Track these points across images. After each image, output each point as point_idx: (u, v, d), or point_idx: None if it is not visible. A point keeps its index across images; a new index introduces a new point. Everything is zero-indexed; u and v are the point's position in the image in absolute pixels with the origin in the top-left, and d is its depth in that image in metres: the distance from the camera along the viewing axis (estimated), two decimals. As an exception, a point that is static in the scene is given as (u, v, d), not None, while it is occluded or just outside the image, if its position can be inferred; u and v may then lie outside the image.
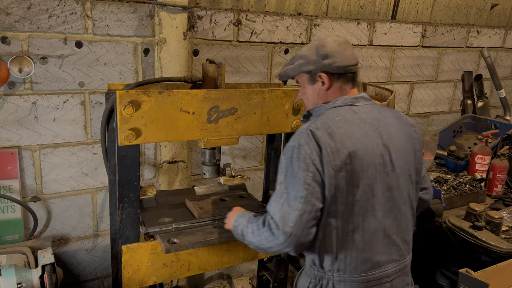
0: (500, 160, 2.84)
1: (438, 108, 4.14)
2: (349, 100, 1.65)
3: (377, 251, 1.61)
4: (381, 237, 1.61)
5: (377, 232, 1.60)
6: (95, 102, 2.50)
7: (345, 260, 1.59)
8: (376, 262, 1.62)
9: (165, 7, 2.44)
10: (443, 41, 3.90)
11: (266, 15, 2.90)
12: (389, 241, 1.63)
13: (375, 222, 1.59)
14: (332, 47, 1.64)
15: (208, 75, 2.03)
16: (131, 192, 1.84)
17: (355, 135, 1.56)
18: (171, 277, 2.01)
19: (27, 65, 2.25)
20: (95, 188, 2.63)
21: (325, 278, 1.64)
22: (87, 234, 2.69)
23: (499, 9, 4.15)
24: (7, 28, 2.19)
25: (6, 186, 2.36)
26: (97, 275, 2.80)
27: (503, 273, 2.00)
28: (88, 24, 2.36)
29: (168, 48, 2.51)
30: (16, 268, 1.94)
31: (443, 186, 2.72)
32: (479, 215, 2.32)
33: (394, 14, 3.52)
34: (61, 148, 2.48)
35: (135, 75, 2.57)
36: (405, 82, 3.81)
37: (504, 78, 4.46)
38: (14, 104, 2.31)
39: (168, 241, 1.87)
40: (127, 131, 1.73)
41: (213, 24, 2.73)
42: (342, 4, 3.22)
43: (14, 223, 2.42)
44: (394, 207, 1.63)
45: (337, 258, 1.60)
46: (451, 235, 2.32)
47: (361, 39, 3.40)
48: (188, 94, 1.82)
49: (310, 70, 1.68)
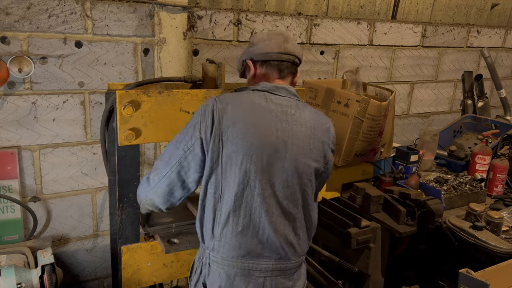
0: (500, 160, 2.83)
1: (438, 108, 4.14)
2: (269, 87, 1.62)
3: (254, 242, 1.56)
4: (261, 230, 1.55)
5: (256, 221, 1.54)
6: (95, 102, 2.50)
7: (220, 241, 1.56)
8: (254, 253, 1.56)
9: (165, 7, 2.44)
10: (443, 41, 3.90)
11: (266, 15, 2.89)
12: (269, 236, 1.56)
13: (254, 212, 1.54)
14: (259, 36, 1.69)
15: (208, 75, 2.03)
16: (131, 192, 1.84)
17: (250, 117, 1.54)
18: (171, 277, 2.01)
19: (27, 65, 2.25)
20: (95, 188, 2.63)
21: (205, 254, 1.61)
22: (87, 234, 2.68)
23: (499, 9, 4.15)
24: (7, 28, 2.19)
25: (5, 186, 2.36)
26: (97, 275, 2.80)
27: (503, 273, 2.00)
28: (88, 24, 2.36)
29: (168, 48, 2.50)
30: (15, 268, 1.94)
31: (443, 186, 2.72)
32: (479, 215, 2.32)
33: (394, 14, 3.52)
34: (61, 148, 2.48)
35: (135, 75, 2.56)
36: (405, 82, 3.81)
37: (504, 78, 4.46)
38: (13, 104, 2.30)
39: (168, 241, 1.87)
40: (127, 131, 1.73)
41: (213, 24, 2.72)
42: (342, 4, 3.22)
43: (14, 223, 2.42)
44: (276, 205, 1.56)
45: (213, 236, 1.57)
46: (451, 235, 2.31)
47: (361, 39, 3.40)
48: (188, 94, 1.81)
49: (244, 59, 1.73)
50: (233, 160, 1.51)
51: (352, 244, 2.24)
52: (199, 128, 1.53)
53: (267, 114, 1.57)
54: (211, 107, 1.54)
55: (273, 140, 1.54)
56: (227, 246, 1.56)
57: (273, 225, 1.55)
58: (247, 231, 1.55)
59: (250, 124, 1.53)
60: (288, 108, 1.60)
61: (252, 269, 1.57)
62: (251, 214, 1.54)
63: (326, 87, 2.64)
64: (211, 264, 1.60)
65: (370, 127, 2.51)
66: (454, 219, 2.36)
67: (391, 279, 2.53)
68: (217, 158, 1.52)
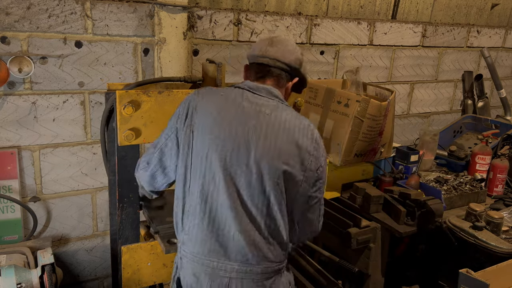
0: (500, 160, 2.83)
1: (438, 108, 4.14)
2: (250, 85, 1.62)
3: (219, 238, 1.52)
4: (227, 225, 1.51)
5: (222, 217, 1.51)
6: (94, 102, 2.50)
7: (188, 233, 1.55)
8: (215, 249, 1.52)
9: (165, 7, 2.44)
10: (443, 41, 3.90)
11: (266, 15, 2.89)
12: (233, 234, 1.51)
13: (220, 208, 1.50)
14: (256, 43, 1.73)
15: (208, 75, 2.03)
16: (131, 192, 1.84)
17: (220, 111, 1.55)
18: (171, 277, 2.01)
19: (27, 65, 2.25)
20: (95, 188, 2.63)
21: (178, 249, 1.64)
22: (86, 234, 2.68)
23: (499, 9, 4.15)
24: (7, 28, 2.19)
25: (5, 186, 2.36)
26: (97, 275, 2.80)
27: (503, 273, 2.00)
28: (87, 24, 2.36)
29: (168, 48, 2.50)
30: (15, 268, 1.94)
31: (443, 186, 2.72)
32: (479, 215, 2.32)
33: (394, 14, 3.52)
34: (61, 148, 2.48)
35: (135, 75, 2.56)
36: (405, 82, 3.80)
37: (505, 78, 4.46)
38: (13, 104, 2.30)
39: (168, 241, 1.86)
40: (127, 131, 1.73)
41: (213, 24, 2.72)
42: (342, 4, 3.22)
43: (14, 223, 2.42)
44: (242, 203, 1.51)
45: (183, 228, 1.59)
46: (451, 235, 2.31)
47: (361, 39, 3.40)
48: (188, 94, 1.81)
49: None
50: (200, 151, 1.53)
51: (352, 244, 2.24)
52: (176, 118, 1.61)
53: (238, 110, 1.54)
54: (188, 99, 1.62)
55: (239, 136, 1.50)
56: (193, 240, 1.55)
57: (238, 224, 1.50)
58: (213, 227, 1.52)
59: (219, 118, 1.54)
60: (264, 107, 1.55)
61: (217, 268, 1.53)
62: (216, 209, 1.51)
63: (326, 87, 2.64)
64: (182, 258, 1.60)
65: (370, 127, 2.51)
66: (454, 219, 2.36)
67: (391, 279, 2.53)
68: (187, 148, 1.56)
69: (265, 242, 1.54)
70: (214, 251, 1.53)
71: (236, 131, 1.51)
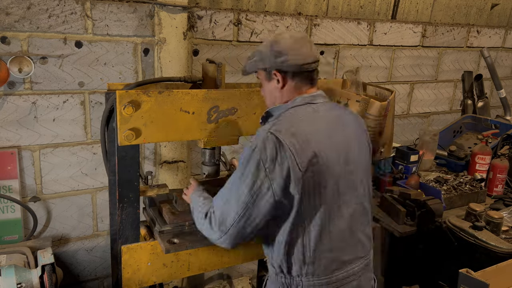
0: (500, 160, 2.83)
1: (438, 108, 4.14)
2: (308, 99, 1.60)
3: (344, 250, 1.59)
4: (348, 235, 1.58)
5: (343, 231, 1.57)
6: (95, 102, 2.50)
7: (314, 263, 1.55)
8: (343, 261, 1.59)
9: (165, 7, 2.44)
10: (443, 41, 3.90)
11: (266, 15, 2.89)
12: (354, 238, 1.61)
13: (341, 221, 1.56)
14: (286, 44, 1.57)
15: (208, 75, 2.03)
16: (131, 192, 1.84)
17: (318, 133, 1.52)
18: (171, 277, 2.01)
19: (27, 65, 2.25)
20: (95, 188, 2.63)
21: (293, 284, 1.58)
22: (87, 234, 2.68)
23: (499, 9, 4.15)
24: (7, 28, 2.19)
25: (5, 186, 2.36)
26: (97, 275, 2.80)
27: (503, 273, 2.00)
28: (88, 24, 2.36)
29: (168, 48, 2.50)
30: (16, 268, 1.94)
31: (443, 186, 2.72)
32: (479, 215, 2.32)
33: (394, 14, 3.52)
34: (61, 148, 2.48)
35: (135, 75, 2.56)
36: (405, 82, 3.80)
37: (504, 78, 4.46)
38: (13, 104, 2.30)
39: (168, 241, 1.86)
40: (127, 131, 1.73)
41: (213, 24, 2.72)
42: (342, 4, 3.22)
43: (14, 223, 2.42)
44: (358, 204, 1.61)
45: (305, 262, 1.55)
46: (451, 235, 2.31)
47: (361, 39, 3.40)
48: (188, 94, 1.81)
49: (266, 68, 1.62)
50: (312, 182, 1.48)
51: (352, 244, 2.24)
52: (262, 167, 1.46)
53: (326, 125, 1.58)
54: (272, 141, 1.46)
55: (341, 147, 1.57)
56: (322, 267, 1.56)
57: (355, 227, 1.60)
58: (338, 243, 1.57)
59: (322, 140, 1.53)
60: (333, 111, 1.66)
61: (349, 275, 1.61)
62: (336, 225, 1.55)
63: (326, 87, 2.64)
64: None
65: (370, 127, 2.50)
66: (454, 219, 2.36)
67: (391, 279, 2.53)
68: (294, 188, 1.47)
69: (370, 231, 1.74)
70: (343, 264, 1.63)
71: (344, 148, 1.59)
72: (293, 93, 1.62)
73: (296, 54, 1.56)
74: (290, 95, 1.62)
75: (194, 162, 2.89)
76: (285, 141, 1.45)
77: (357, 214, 1.61)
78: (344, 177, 1.55)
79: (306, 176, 1.45)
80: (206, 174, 2.10)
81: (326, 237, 1.54)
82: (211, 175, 2.10)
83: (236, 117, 1.94)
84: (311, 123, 1.54)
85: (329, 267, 1.56)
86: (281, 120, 1.55)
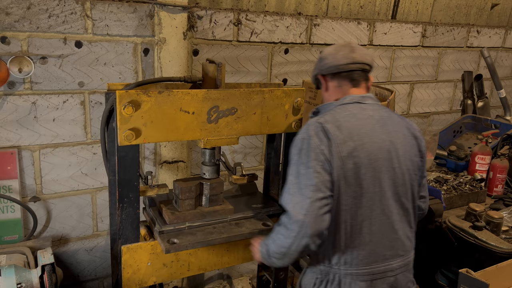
0: (500, 160, 2.83)
1: (438, 108, 4.14)
2: (357, 98, 1.73)
3: (383, 244, 1.66)
4: (387, 230, 1.66)
5: (383, 225, 1.64)
6: (94, 102, 2.50)
7: (352, 252, 1.63)
8: (382, 255, 1.66)
9: (165, 7, 2.44)
10: (443, 41, 3.90)
11: (266, 15, 2.89)
12: (394, 235, 1.67)
13: (382, 215, 1.64)
14: (327, 50, 1.79)
15: (208, 75, 2.03)
16: (131, 192, 1.84)
17: (362, 129, 1.63)
18: (171, 277, 2.01)
19: (27, 65, 2.25)
20: (95, 188, 2.63)
21: (331, 272, 1.67)
22: (86, 234, 2.68)
23: (499, 9, 4.15)
24: (7, 28, 2.19)
25: (5, 186, 2.36)
26: (97, 275, 2.80)
27: (503, 273, 2.00)
28: (88, 24, 2.36)
29: (168, 48, 2.50)
30: (16, 268, 1.94)
31: (443, 186, 2.72)
32: (479, 215, 2.32)
33: (394, 14, 3.52)
34: (61, 148, 2.48)
35: (135, 75, 2.56)
36: (405, 82, 3.81)
37: (504, 78, 4.46)
38: (13, 104, 2.30)
39: (168, 241, 1.86)
40: (127, 131, 1.73)
41: (213, 24, 2.72)
42: (342, 4, 3.22)
43: (14, 223, 2.42)
44: (399, 203, 1.68)
45: (345, 251, 1.63)
46: (451, 235, 2.31)
47: (361, 39, 3.40)
48: (188, 94, 1.81)
49: (315, 74, 1.86)
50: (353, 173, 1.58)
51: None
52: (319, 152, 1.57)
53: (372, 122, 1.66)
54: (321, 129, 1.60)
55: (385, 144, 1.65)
56: (360, 256, 1.63)
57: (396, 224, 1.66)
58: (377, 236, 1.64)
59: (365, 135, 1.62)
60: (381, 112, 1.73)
61: (386, 270, 1.67)
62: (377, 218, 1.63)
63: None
64: (342, 279, 1.65)
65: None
66: (454, 219, 2.36)
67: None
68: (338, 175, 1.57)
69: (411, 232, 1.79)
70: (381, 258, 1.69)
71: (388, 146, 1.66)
72: (337, 93, 1.78)
73: (333, 58, 1.74)
74: (335, 94, 1.78)
75: (194, 162, 2.89)
76: (330, 130, 1.59)
77: (398, 213, 1.67)
78: (386, 174, 1.63)
79: (347, 167, 1.56)
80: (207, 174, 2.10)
81: (366, 229, 1.63)
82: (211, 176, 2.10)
83: (236, 117, 1.95)
84: (357, 120, 1.65)
85: (367, 259, 1.63)
86: (328, 114, 1.68)
